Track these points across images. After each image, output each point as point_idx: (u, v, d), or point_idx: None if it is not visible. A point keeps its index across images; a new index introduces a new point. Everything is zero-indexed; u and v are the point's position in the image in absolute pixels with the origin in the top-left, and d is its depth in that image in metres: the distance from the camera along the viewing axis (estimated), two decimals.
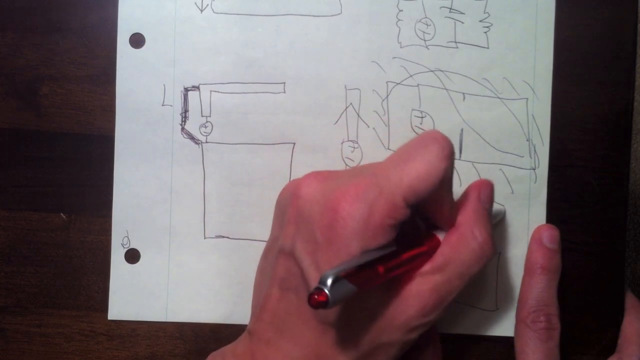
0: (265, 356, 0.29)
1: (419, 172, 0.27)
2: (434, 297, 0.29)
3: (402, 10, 0.36)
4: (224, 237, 0.36)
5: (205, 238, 0.37)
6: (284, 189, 0.32)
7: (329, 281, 0.24)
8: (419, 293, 0.29)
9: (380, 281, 0.27)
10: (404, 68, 0.36)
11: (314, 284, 0.27)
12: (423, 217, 0.31)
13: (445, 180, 0.28)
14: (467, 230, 0.30)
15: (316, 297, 0.24)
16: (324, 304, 0.24)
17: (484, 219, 0.31)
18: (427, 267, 0.29)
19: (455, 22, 0.36)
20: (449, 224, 0.31)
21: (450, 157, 0.28)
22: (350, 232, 0.27)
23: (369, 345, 0.29)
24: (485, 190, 0.32)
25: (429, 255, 0.30)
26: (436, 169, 0.27)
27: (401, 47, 0.36)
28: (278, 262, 0.30)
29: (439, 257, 0.30)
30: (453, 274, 0.29)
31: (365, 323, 0.28)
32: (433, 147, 0.27)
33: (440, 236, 0.31)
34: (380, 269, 0.27)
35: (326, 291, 0.24)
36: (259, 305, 0.31)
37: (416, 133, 0.36)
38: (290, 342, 0.29)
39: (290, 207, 0.30)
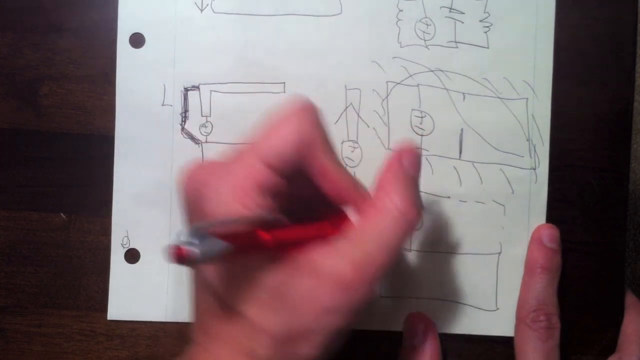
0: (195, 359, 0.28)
1: (278, 133, 0.26)
2: (352, 273, 0.26)
3: (402, 10, 0.36)
4: None
5: None
6: None
7: (189, 235, 0.22)
8: (334, 270, 0.26)
9: (268, 248, 0.25)
10: (404, 68, 0.36)
11: None
12: (332, 201, 0.29)
13: (308, 139, 0.26)
14: (385, 198, 0.27)
15: (176, 250, 0.22)
16: (187, 260, 0.22)
17: (405, 183, 0.28)
18: (340, 242, 0.27)
19: (455, 22, 0.36)
20: (355, 198, 0.28)
21: (306, 112, 0.27)
22: (215, 205, 0.26)
23: (286, 331, 0.26)
24: (407, 156, 0.29)
25: (335, 228, 0.28)
26: (297, 128, 0.26)
27: (401, 47, 0.36)
28: None
29: (353, 230, 0.27)
30: (373, 247, 0.26)
31: (273, 306, 0.26)
32: (295, 109, 0.27)
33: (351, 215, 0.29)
34: (263, 234, 0.25)
35: (184, 243, 0.22)
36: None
37: (416, 133, 0.36)
38: (215, 342, 0.28)
39: (181, 204, 0.29)
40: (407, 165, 0.28)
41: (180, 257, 0.22)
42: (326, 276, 0.26)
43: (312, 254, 0.27)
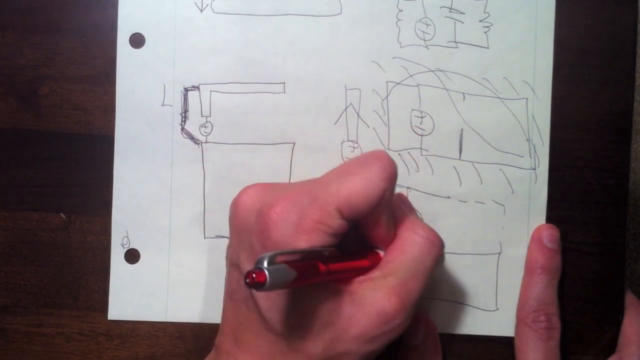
0: None
1: (357, 186, 0.27)
2: (391, 301, 0.28)
3: (402, 10, 0.36)
4: (224, 237, 0.36)
5: (205, 238, 0.37)
6: (231, 203, 0.32)
7: (265, 261, 0.24)
8: (374, 299, 0.28)
9: (321, 278, 0.27)
10: (404, 68, 0.36)
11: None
12: (364, 239, 0.31)
13: (384, 201, 0.28)
14: (407, 232, 0.30)
15: (253, 275, 0.23)
16: (261, 285, 0.23)
17: (418, 220, 0.32)
18: (375, 272, 0.29)
19: (455, 22, 0.36)
20: (388, 245, 0.31)
21: (391, 178, 0.28)
22: (281, 235, 0.27)
23: (326, 356, 0.28)
24: (404, 200, 0.34)
25: (372, 264, 0.30)
26: (375, 186, 0.27)
27: (401, 47, 0.36)
28: (229, 274, 0.31)
29: (386, 263, 0.29)
30: (406, 274, 0.29)
31: (318, 332, 0.28)
32: (376, 165, 0.28)
33: (382, 254, 0.31)
34: (321, 265, 0.26)
35: (263, 269, 0.23)
36: (221, 319, 0.31)
37: (416, 133, 0.36)
38: (246, 354, 0.29)
39: (231, 219, 0.30)
40: (409, 206, 0.33)
41: (256, 282, 0.23)
42: (368, 306, 0.28)
43: (356, 285, 0.29)
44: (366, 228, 0.30)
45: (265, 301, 0.28)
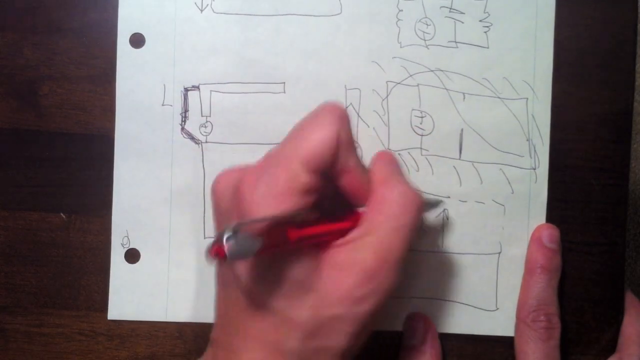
0: (221, 358, 0.29)
1: (312, 136, 0.28)
2: (371, 259, 0.28)
3: (402, 10, 0.36)
4: None
5: (205, 238, 0.37)
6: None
7: (227, 232, 0.23)
8: (354, 259, 0.28)
9: (295, 244, 0.27)
10: (404, 68, 0.36)
11: None
12: (347, 200, 0.31)
13: (342, 143, 0.28)
14: (383, 189, 0.29)
15: (216, 248, 0.23)
16: (226, 256, 0.23)
17: (395, 173, 0.31)
18: (353, 233, 0.29)
19: (455, 22, 0.36)
20: (368, 195, 0.30)
21: (342, 118, 0.28)
22: (255, 205, 0.27)
23: (315, 322, 0.27)
24: (386, 156, 0.32)
25: (353, 225, 0.29)
26: (328, 130, 0.28)
27: (401, 47, 0.36)
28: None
29: (364, 222, 0.29)
30: (385, 231, 0.28)
31: (301, 300, 0.27)
32: (324, 112, 0.29)
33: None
34: (293, 231, 0.26)
35: (223, 241, 0.23)
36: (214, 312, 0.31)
37: (416, 133, 0.36)
38: (237, 337, 0.28)
39: (212, 205, 0.31)
40: (387, 160, 0.32)
41: (219, 254, 0.23)
42: (350, 267, 0.28)
43: (334, 248, 0.28)
44: (339, 179, 0.29)
45: (245, 276, 0.27)
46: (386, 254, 0.28)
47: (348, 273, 0.27)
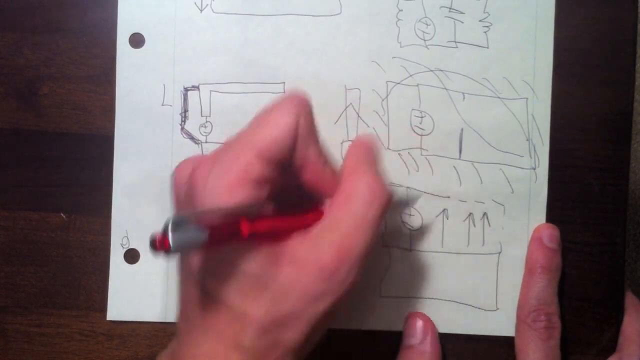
0: (180, 351, 0.29)
1: (270, 125, 0.27)
2: (333, 257, 0.26)
3: (402, 10, 0.36)
4: None
5: None
6: None
7: (170, 224, 0.23)
8: (314, 256, 0.27)
9: (247, 238, 0.26)
10: (404, 68, 0.36)
11: None
12: (311, 192, 0.30)
13: (302, 131, 0.27)
14: (349, 182, 0.28)
15: (158, 240, 0.22)
16: (167, 248, 0.22)
17: (366, 165, 0.29)
18: (316, 229, 0.28)
19: (455, 22, 0.36)
20: (333, 188, 0.29)
21: (301, 105, 0.27)
22: (204, 193, 0.26)
23: (270, 318, 0.26)
24: (360, 143, 0.30)
25: (315, 219, 0.28)
26: (286, 118, 0.27)
27: (401, 47, 0.36)
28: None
29: (329, 217, 0.28)
30: (347, 228, 0.27)
31: (258, 295, 0.26)
32: (283, 101, 0.28)
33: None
34: (245, 224, 0.25)
35: (167, 233, 0.22)
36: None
37: (416, 133, 0.36)
38: (197, 330, 0.28)
39: (171, 196, 0.30)
40: (364, 150, 0.30)
41: (158, 246, 0.22)
42: (308, 263, 0.26)
43: (292, 243, 0.27)
44: (300, 171, 0.28)
45: (198, 269, 0.27)
46: (347, 252, 0.27)
47: (307, 270, 0.26)
